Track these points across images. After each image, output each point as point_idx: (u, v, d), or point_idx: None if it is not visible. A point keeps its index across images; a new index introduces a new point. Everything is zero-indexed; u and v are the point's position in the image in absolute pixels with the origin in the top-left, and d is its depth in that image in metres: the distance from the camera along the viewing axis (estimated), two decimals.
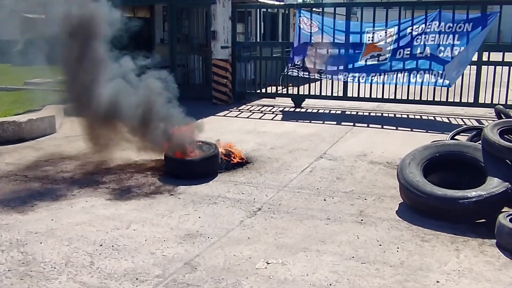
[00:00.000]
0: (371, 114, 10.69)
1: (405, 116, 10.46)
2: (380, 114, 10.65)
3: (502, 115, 6.12)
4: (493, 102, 9.86)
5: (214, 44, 11.82)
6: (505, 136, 5.36)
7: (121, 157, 6.92)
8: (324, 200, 5.29)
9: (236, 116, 10.51)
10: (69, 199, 5.33)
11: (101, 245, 4.19)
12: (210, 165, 6.18)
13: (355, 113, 10.80)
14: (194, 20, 13.84)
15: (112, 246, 4.18)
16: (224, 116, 10.57)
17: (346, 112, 10.87)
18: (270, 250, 4.08)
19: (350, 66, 10.80)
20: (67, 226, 4.60)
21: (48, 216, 4.84)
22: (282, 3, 17.07)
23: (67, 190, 5.61)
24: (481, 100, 10.28)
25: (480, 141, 5.32)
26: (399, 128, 9.17)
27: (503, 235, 4.13)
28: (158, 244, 4.21)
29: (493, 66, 10.08)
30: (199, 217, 4.81)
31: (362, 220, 4.73)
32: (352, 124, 9.50)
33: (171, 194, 5.48)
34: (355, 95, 11.14)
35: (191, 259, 3.93)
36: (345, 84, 11.14)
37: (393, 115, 10.54)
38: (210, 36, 11.99)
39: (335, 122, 9.68)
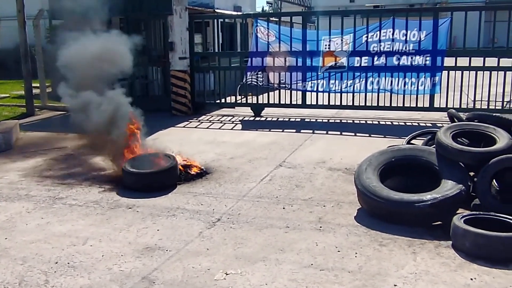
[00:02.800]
0: (330, 121, 10.81)
1: (363, 122, 10.62)
2: (339, 121, 10.78)
3: (455, 119, 6.27)
4: (448, 106, 10.09)
5: (172, 55, 11.75)
6: (457, 139, 5.50)
7: (79, 172, 6.78)
8: (283, 208, 5.29)
9: (195, 127, 10.45)
10: (23, 216, 5.18)
11: (56, 263, 4.08)
12: (168, 177, 6.11)
13: (314, 120, 10.89)
14: (152, 32, 13.74)
15: (68, 263, 4.07)
16: (183, 127, 10.49)
17: (305, 120, 10.96)
18: (229, 260, 4.05)
19: (309, 75, 10.93)
20: (21, 245, 4.46)
21: (1, 235, 4.68)
22: (239, 13, 17.13)
23: (22, 207, 5.45)
24: (436, 105, 10.52)
25: (434, 145, 5.43)
26: (357, 134, 9.29)
27: (458, 236, 4.21)
28: (115, 259, 4.12)
29: (446, 71, 10.35)
30: (158, 230, 4.74)
31: (321, 227, 4.75)
32: (311, 131, 9.58)
33: (129, 208, 5.39)
34: (314, 102, 11.25)
35: (149, 273, 3.86)
36: (304, 92, 11.24)
37: (351, 122, 10.68)
38: (168, 47, 11.91)
39: (294, 130, 9.74)
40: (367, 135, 9.23)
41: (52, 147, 8.33)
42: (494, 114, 5.85)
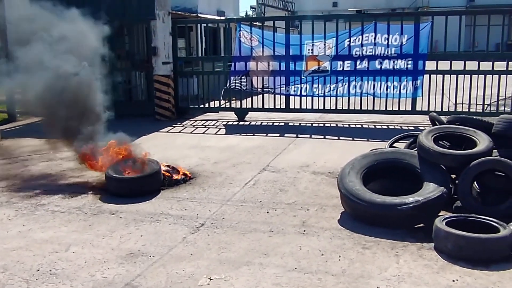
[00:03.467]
0: (314, 125, 10.86)
1: (347, 125, 10.68)
2: (322, 125, 10.83)
3: (436, 122, 6.33)
4: (430, 109, 10.19)
5: (155, 60, 11.71)
6: (439, 142, 5.56)
7: (61, 178, 6.73)
8: (267, 212, 5.30)
9: (179, 132, 10.43)
10: (4, 224, 5.11)
11: (38, 270, 4.03)
12: (152, 183, 6.08)
13: (298, 124, 10.93)
14: (135, 37, 13.68)
15: (50, 270, 4.03)
16: (167, 132, 10.46)
17: (289, 124, 10.99)
18: (213, 265, 4.04)
19: (292, 79, 10.98)
20: (2, 252, 4.40)
21: None
22: (223, 17, 17.15)
23: (3, 214, 5.38)
24: (418, 108, 10.62)
25: (416, 148, 5.48)
26: (341, 138, 9.34)
27: (440, 238, 4.25)
28: (98, 266, 4.09)
29: (428, 75, 10.47)
30: (141, 236, 4.71)
31: (304, 230, 4.77)
32: (295, 135, 9.61)
33: (112, 214, 5.35)
34: (297, 106, 11.30)
35: (132, 280, 3.84)
36: (287, 96, 11.29)
37: (335, 125, 10.74)
38: (151, 52, 11.87)
39: (278, 134, 9.77)
40: (351, 138, 9.29)
41: (33, 153, 8.24)
42: (474, 117, 5.92)
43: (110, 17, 12.08)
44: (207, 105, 12.27)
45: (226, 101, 12.07)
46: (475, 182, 5.05)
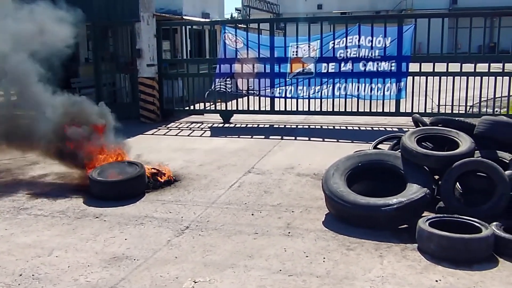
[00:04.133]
0: (299, 126, 10.89)
1: (331, 127, 10.73)
2: (307, 127, 10.87)
3: (419, 123, 6.39)
4: (413, 111, 10.29)
5: (140, 62, 11.67)
6: (422, 143, 5.61)
7: (44, 181, 6.67)
8: (252, 214, 5.30)
9: (164, 134, 10.39)
10: None
11: (20, 275, 3.99)
12: (136, 185, 6.05)
13: (283, 126, 10.96)
14: (119, 38, 13.61)
15: (33, 275, 3.99)
16: (152, 134, 10.42)
17: (274, 126, 11.01)
18: (198, 268, 4.03)
19: (277, 81, 11.01)
20: None
21: None
22: (207, 20, 17.14)
23: None
24: (402, 109, 10.72)
25: (400, 149, 5.52)
26: (325, 140, 9.39)
27: (423, 239, 4.29)
28: (81, 270, 4.06)
29: (411, 77, 10.56)
30: (125, 239, 4.69)
31: (289, 232, 4.78)
32: (280, 137, 9.63)
33: (97, 217, 5.31)
34: (282, 108, 11.33)
35: (116, 283, 3.81)
36: (272, 98, 11.31)
37: (319, 127, 10.78)
38: (135, 54, 11.82)
39: (263, 136, 9.78)
40: (335, 140, 9.33)
41: (15, 156, 8.14)
42: (456, 119, 5.98)
43: (94, 19, 12.09)
44: (192, 107, 12.26)
45: (211, 103, 12.06)
46: (457, 183, 5.10)
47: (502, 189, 4.67)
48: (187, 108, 12.36)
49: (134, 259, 4.23)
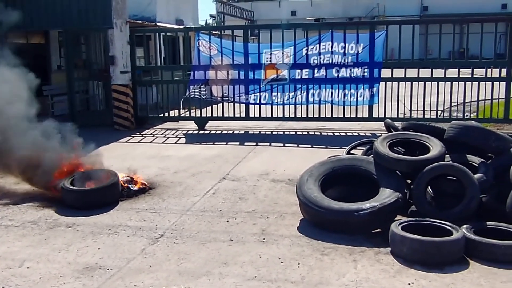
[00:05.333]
0: (273, 133, 10.93)
1: (306, 133, 10.80)
2: (282, 133, 10.92)
3: (391, 129, 6.48)
4: (386, 116, 10.43)
5: (113, 69, 11.57)
6: (394, 148, 5.69)
7: (15, 191, 6.55)
8: (227, 221, 5.30)
9: (139, 142, 10.31)
10: None
11: None
12: (110, 194, 5.99)
13: (257, 132, 10.99)
14: (92, 45, 13.50)
15: (3, 287, 3.91)
16: (126, 142, 10.33)
17: (249, 132, 11.03)
18: (172, 277, 4.01)
19: (251, 87, 11.04)
20: None
21: None
22: (181, 26, 17.11)
23: None
24: (375, 115, 10.86)
25: (372, 154, 5.59)
26: (300, 145, 9.44)
27: (396, 242, 4.35)
28: (53, 281, 4.00)
29: (383, 82, 10.71)
30: (99, 249, 4.63)
31: (264, 239, 4.79)
32: (255, 143, 9.65)
33: (69, 227, 5.24)
34: (257, 115, 11.37)
35: None
36: (247, 104, 11.34)
37: (294, 133, 10.84)
38: (109, 61, 11.73)
39: (238, 143, 9.79)
40: (310, 146, 9.40)
41: None
42: (427, 123, 6.09)
43: (66, 25, 11.96)
44: (166, 114, 12.20)
45: (186, 110, 12.03)
46: (429, 187, 5.19)
47: (471, 192, 4.76)
48: (162, 115, 12.30)
49: (108, 269, 4.19)
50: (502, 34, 12.22)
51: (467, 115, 10.98)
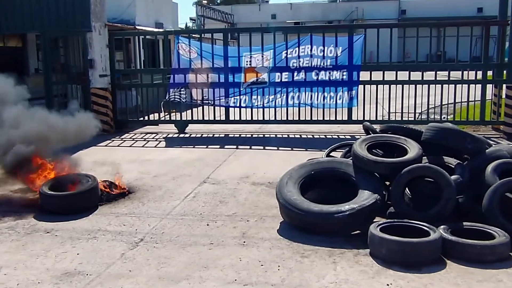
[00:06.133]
0: (254, 136, 10.95)
1: (286, 136, 10.84)
2: (262, 136, 10.94)
3: (370, 131, 6.55)
4: (365, 119, 10.52)
5: (92, 73, 11.49)
6: (372, 150, 5.75)
7: None
8: (207, 225, 5.30)
9: (118, 146, 10.24)
10: None
11: None
12: (89, 198, 5.94)
13: (238, 135, 10.99)
14: (71, 49, 13.36)
15: None
16: (106, 146, 10.25)
17: (230, 135, 11.04)
18: (152, 281, 4.00)
19: (231, 90, 11.05)
20: None
21: None
22: (161, 30, 17.05)
23: None
24: (354, 117, 10.95)
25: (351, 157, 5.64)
26: (280, 148, 9.48)
27: (375, 244, 4.40)
28: (32, 287, 3.96)
29: (362, 85, 10.81)
30: (78, 254, 4.59)
31: (244, 242, 4.80)
32: (235, 147, 9.66)
33: (47, 232, 5.19)
34: (237, 118, 11.38)
35: None
36: (227, 108, 11.35)
37: (274, 136, 10.87)
38: (87, 64, 11.62)
39: (218, 146, 9.79)
40: (290, 148, 9.44)
41: None
42: (405, 126, 6.17)
43: (44, 28, 11.83)
44: (146, 118, 12.14)
45: (166, 113, 11.98)
46: (407, 188, 5.25)
47: (448, 193, 4.84)
48: (142, 118, 12.24)
49: (87, 274, 4.16)
50: (478, 37, 12.47)
51: (444, 117, 11.15)
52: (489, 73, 11.15)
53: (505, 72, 10.55)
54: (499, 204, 4.70)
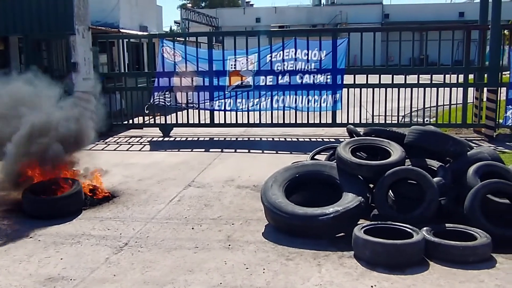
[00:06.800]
0: (238, 139, 10.96)
1: (271, 139, 10.87)
2: (247, 139, 10.95)
3: (354, 134, 6.60)
4: (349, 122, 10.61)
5: (76, 76, 11.38)
6: (356, 153, 5.80)
7: None
8: (192, 228, 5.29)
9: (102, 149, 10.17)
10: None
11: None
12: (73, 203, 5.89)
13: (223, 139, 11.00)
14: (54, 52, 13.27)
15: None
16: (89, 150, 10.12)
17: (214, 139, 11.04)
18: (137, 286, 3.98)
19: (216, 94, 11.05)
20: None
21: None
22: (145, 33, 16.99)
23: None
24: (338, 120, 11.01)
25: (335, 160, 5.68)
26: (265, 151, 9.50)
27: (359, 246, 4.43)
28: None
29: (346, 89, 10.89)
30: (61, 259, 4.56)
31: (229, 245, 4.80)
32: (220, 150, 9.67)
33: (30, 237, 5.14)
34: (222, 121, 11.38)
35: None
36: (212, 111, 11.35)
37: (259, 139, 10.89)
38: (71, 68, 11.53)
39: (203, 149, 9.79)
40: (274, 152, 9.47)
41: None
42: (388, 129, 6.24)
43: (27, 32, 11.74)
44: (131, 121, 12.08)
45: (151, 117, 11.94)
46: (390, 191, 5.31)
47: (431, 195, 4.90)
48: (126, 122, 12.17)
49: (71, 279, 4.13)
50: (459, 42, 12.61)
51: (427, 120, 11.28)
52: (471, 76, 11.30)
53: (486, 75, 10.71)
54: (480, 205, 4.77)
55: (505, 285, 3.95)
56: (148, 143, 10.74)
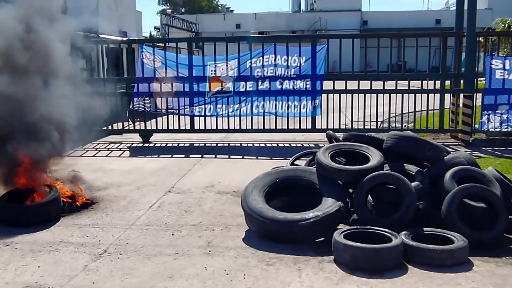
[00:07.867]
0: (219, 145, 10.95)
1: (251, 145, 10.88)
2: (227, 145, 10.95)
3: (333, 139, 6.65)
4: (329, 127, 10.66)
5: None
6: (336, 158, 5.85)
7: None
8: (173, 234, 5.27)
9: (81, 155, 10.06)
10: None
11: None
12: (50, 210, 5.82)
13: (203, 145, 10.98)
14: None
15: None
16: (68, 156, 10.02)
17: (195, 144, 11.01)
18: None
19: (196, 99, 11.04)
20: None
21: None
22: (125, 38, 16.91)
23: None
24: (318, 126, 11.06)
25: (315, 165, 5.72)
26: (245, 157, 9.51)
27: (339, 250, 4.47)
28: None
29: (326, 94, 10.97)
30: (39, 267, 4.50)
31: (210, 251, 4.80)
32: (200, 156, 9.65)
33: (7, 245, 5.06)
34: (202, 127, 11.37)
35: None
36: (192, 117, 11.33)
37: (239, 145, 10.90)
38: None
39: (183, 155, 9.75)
40: (255, 157, 9.48)
41: None
42: (367, 134, 6.31)
43: None
44: (110, 127, 11.98)
45: (130, 123, 11.86)
46: (369, 195, 5.36)
47: (409, 199, 4.96)
48: (105, 128, 12.06)
49: (49, 287, 4.08)
50: (436, 48, 12.82)
51: (405, 126, 11.41)
52: (447, 82, 11.48)
53: (462, 81, 10.90)
54: (457, 209, 4.84)
55: (481, 287, 4.02)
56: (127, 149, 10.67)
